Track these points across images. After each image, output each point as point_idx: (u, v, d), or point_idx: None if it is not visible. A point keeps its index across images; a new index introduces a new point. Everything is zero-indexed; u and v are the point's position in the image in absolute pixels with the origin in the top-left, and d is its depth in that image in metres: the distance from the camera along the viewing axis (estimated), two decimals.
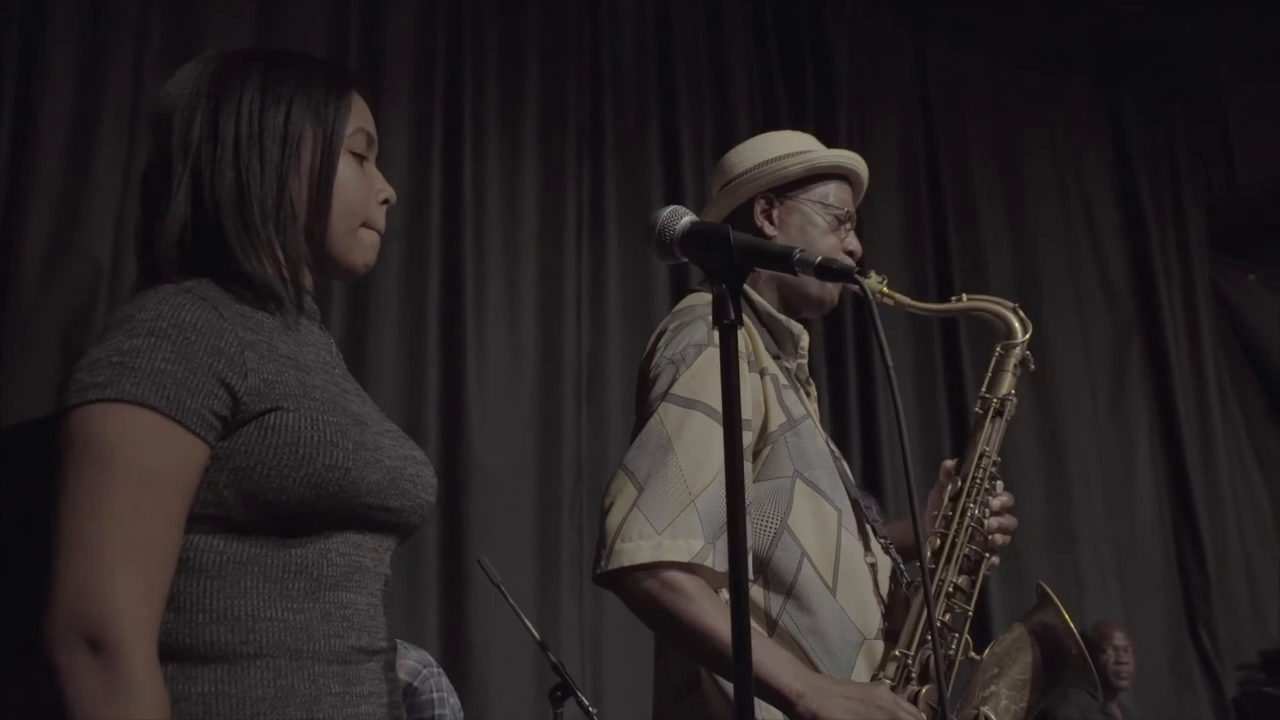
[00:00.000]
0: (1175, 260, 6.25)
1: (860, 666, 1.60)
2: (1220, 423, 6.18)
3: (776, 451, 1.63)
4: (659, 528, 1.50)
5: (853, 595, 1.62)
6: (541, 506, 3.97)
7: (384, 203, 1.35)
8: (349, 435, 1.19)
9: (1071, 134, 6.04)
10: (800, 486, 1.63)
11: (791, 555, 1.59)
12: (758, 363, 1.66)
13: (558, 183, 4.24)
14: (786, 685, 1.45)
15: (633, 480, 1.55)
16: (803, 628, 1.58)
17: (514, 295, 4.08)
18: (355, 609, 1.21)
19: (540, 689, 3.16)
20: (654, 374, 1.65)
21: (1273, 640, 5.83)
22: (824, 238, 1.81)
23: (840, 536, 1.64)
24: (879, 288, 1.82)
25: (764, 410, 1.64)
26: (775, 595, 1.59)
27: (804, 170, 1.82)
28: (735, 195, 1.83)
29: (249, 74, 1.27)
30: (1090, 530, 5.41)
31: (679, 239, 1.20)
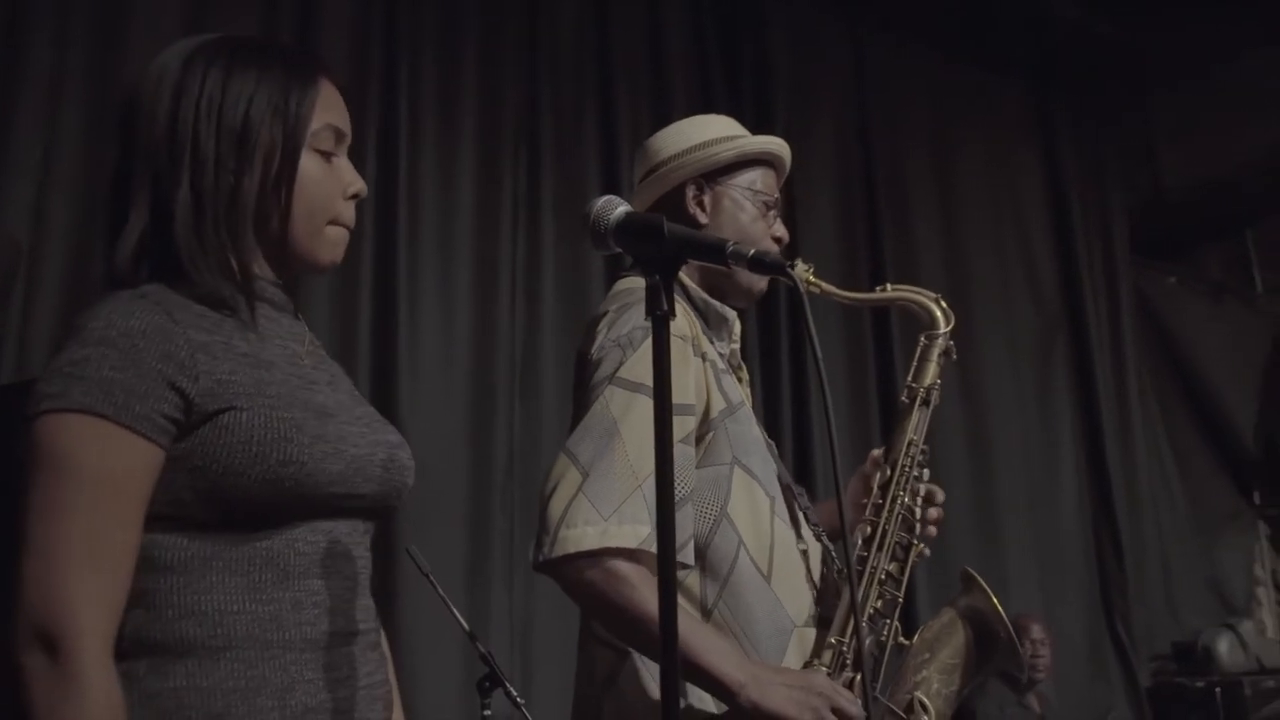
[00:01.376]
0: (1100, 261, 6.40)
1: (792, 653, 1.61)
2: (1140, 420, 6.34)
3: (717, 438, 1.63)
4: (605, 513, 1.48)
5: (786, 583, 1.63)
6: (473, 496, 3.94)
7: (353, 197, 1.34)
8: (305, 430, 1.20)
9: (1003, 133, 6.15)
10: (738, 474, 1.63)
11: (729, 543, 1.60)
12: (699, 347, 1.65)
13: (494, 171, 4.21)
14: (728, 675, 1.45)
15: (577, 465, 1.53)
16: (737, 615, 1.58)
17: (448, 283, 4.04)
18: (329, 595, 1.23)
19: (468, 679, 3.14)
20: (597, 356, 1.62)
21: (1186, 632, 6.01)
22: (754, 224, 1.81)
23: (774, 524, 1.65)
24: (806, 276, 1.83)
25: (706, 396, 1.63)
26: (711, 583, 1.59)
27: (735, 156, 1.82)
28: (664, 181, 1.82)
29: (211, 68, 1.26)
30: (1013, 524, 5.52)
31: (613, 229, 1.20)
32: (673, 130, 1.88)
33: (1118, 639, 5.80)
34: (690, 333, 1.64)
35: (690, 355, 1.62)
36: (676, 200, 1.81)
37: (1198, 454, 6.94)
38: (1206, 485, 6.93)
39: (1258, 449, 7.07)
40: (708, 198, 1.81)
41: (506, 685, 2.82)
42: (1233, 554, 6.94)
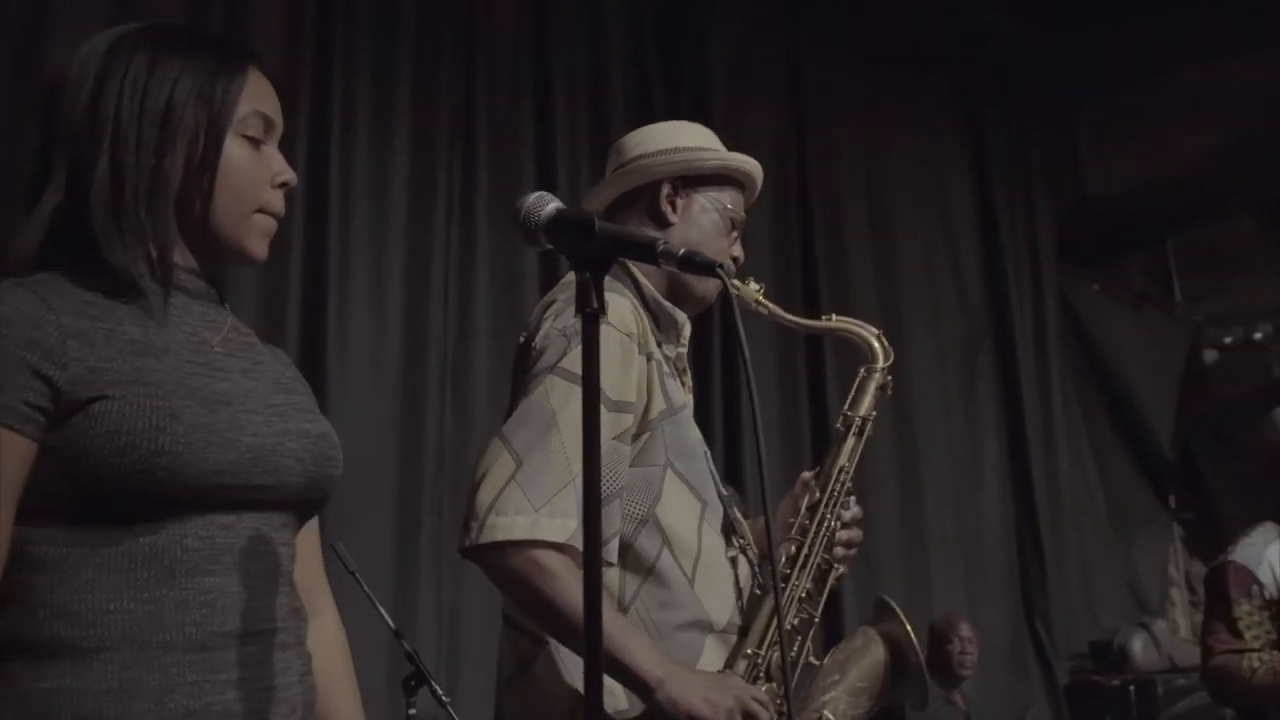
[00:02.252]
0: (1027, 267, 6.54)
1: (708, 657, 1.62)
2: (1063, 425, 6.49)
3: (654, 439, 1.63)
4: (536, 504, 1.48)
5: (709, 588, 1.64)
6: (402, 494, 3.90)
7: (281, 186, 1.31)
8: (183, 419, 1.15)
9: (934, 141, 6.25)
10: (670, 476, 1.64)
11: (653, 543, 1.60)
12: (645, 346, 1.65)
13: (428, 167, 4.17)
14: (648, 671, 1.46)
15: (511, 452, 1.52)
16: (654, 613, 1.59)
17: (379, 279, 4.00)
18: (221, 593, 1.18)
19: (394, 678, 3.11)
20: (541, 345, 1.61)
21: (1103, 631, 6.16)
22: (718, 238, 1.81)
23: (702, 530, 1.65)
24: (755, 296, 1.85)
25: (647, 396, 1.63)
26: (632, 579, 1.59)
27: (717, 167, 1.83)
28: (643, 174, 1.81)
29: (137, 52, 1.23)
30: (939, 526, 5.62)
31: (544, 225, 1.20)
32: (656, 128, 1.88)
33: (1038, 638, 5.93)
34: (637, 330, 1.63)
35: (635, 353, 1.61)
36: (650, 195, 1.81)
37: (1117, 458, 7.12)
38: (1125, 489, 7.11)
39: (1174, 454, 7.27)
40: (680, 200, 1.80)
41: (432, 684, 2.80)
42: (1148, 556, 7.13)
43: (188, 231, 1.26)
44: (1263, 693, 2.75)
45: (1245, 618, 2.82)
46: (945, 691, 4.60)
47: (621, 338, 1.59)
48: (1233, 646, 2.81)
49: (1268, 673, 2.73)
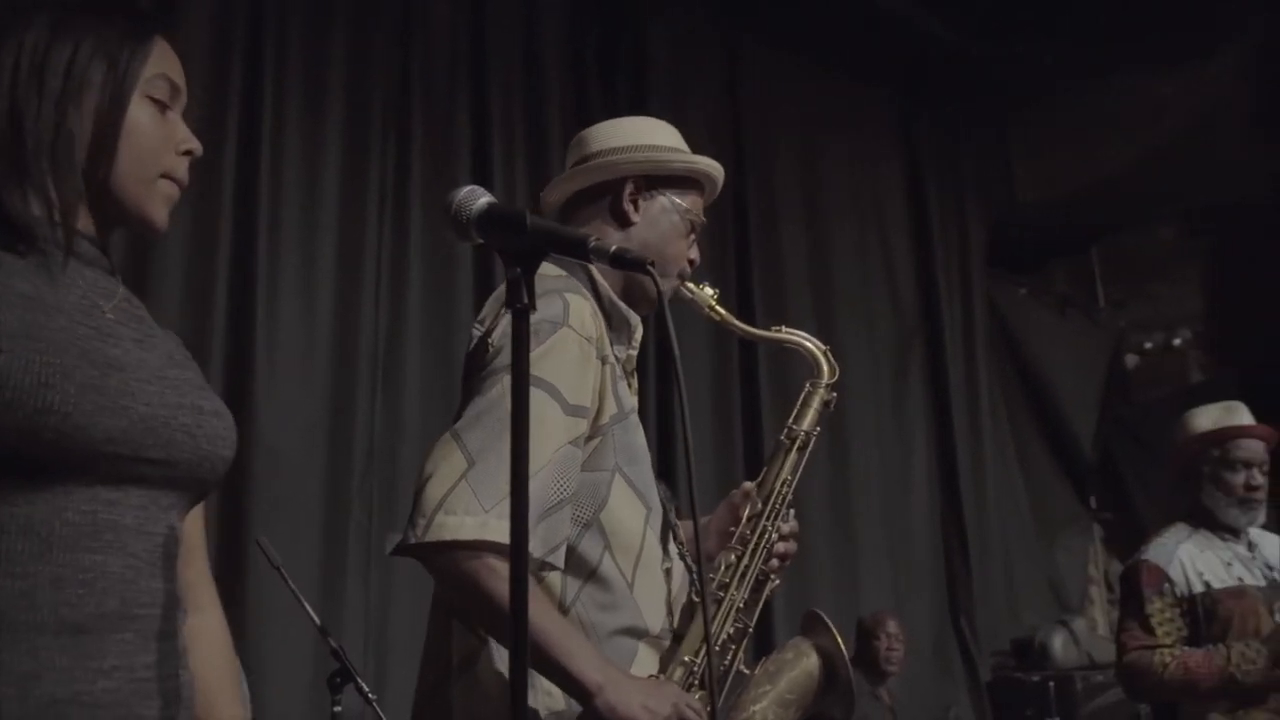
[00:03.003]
0: (957, 271, 6.65)
1: (642, 662, 1.61)
2: (989, 426, 6.61)
3: (604, 444, 1.62)
4: (486, 505, 1.44)
5: (647, 593, 1.64)
6: (330, 489, 3.86)
7: (186, 153, 1.27)
8: (73, 378, 1.09)
9: (869, 144, 6.32)
10: (618, 481, 1.63)
11: (595, 546, 1.59)
12: (601, 349, 1.63)
13: (361, 159, 4.12)
14: (587, 677, 1.45)
15: (463, 451, 1.48)
16: (593, 616, 1.58)
17: (310, 271, 3.94)
18: (100, 573, 1.11)
19: (319, 675, 3.07)
20: (499, 343, 1.57)
21: (1025, 629, 6.28)
22: (677, 241, 1.79)
23: (645, 535, 1.65)
24: (709, 301, 1.83)
25: (600, 400, 1.61)
26: (573, 581, 1.58)
27: (683, 170, 1.80)
28: (606, 170, 1.78)
29: (41, 12, 1.20)
30: (868, 525, 5.69)
31: (475, 219, 1.19)
32: (623, 124, 1.85)
33: (962, 636, 6.04)
34: (596, 333, 1.61)
35: (593, 358, 1.59)
36: (614, 192, 1.77)
37: (1040, 460, 7.27)
38: (1048, 490, 7.26)
39: (1094, 456, 7.44)
40: (642, 199, 1.78)
41: (358, 680, 2.78)
42: (1069, 555, 7.30)
43: (89, 194, 1.21)
44: (1173, 688, 2.83)
45: (1157, 615, 2.90)
46: (872, 688, 4.66)
47: (581, 341, 1.57)
48: (1145, 643, 2.88)
49: (1178, 668, 2.80)
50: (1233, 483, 2.94)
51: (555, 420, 1.51)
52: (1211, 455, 2.98)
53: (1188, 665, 2.80)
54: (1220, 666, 2.76)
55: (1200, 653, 2.81)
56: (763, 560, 1.74)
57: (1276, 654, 2.73)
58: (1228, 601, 2.86)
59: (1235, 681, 2.75)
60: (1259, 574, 2.90)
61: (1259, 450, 2.96)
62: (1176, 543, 2.97)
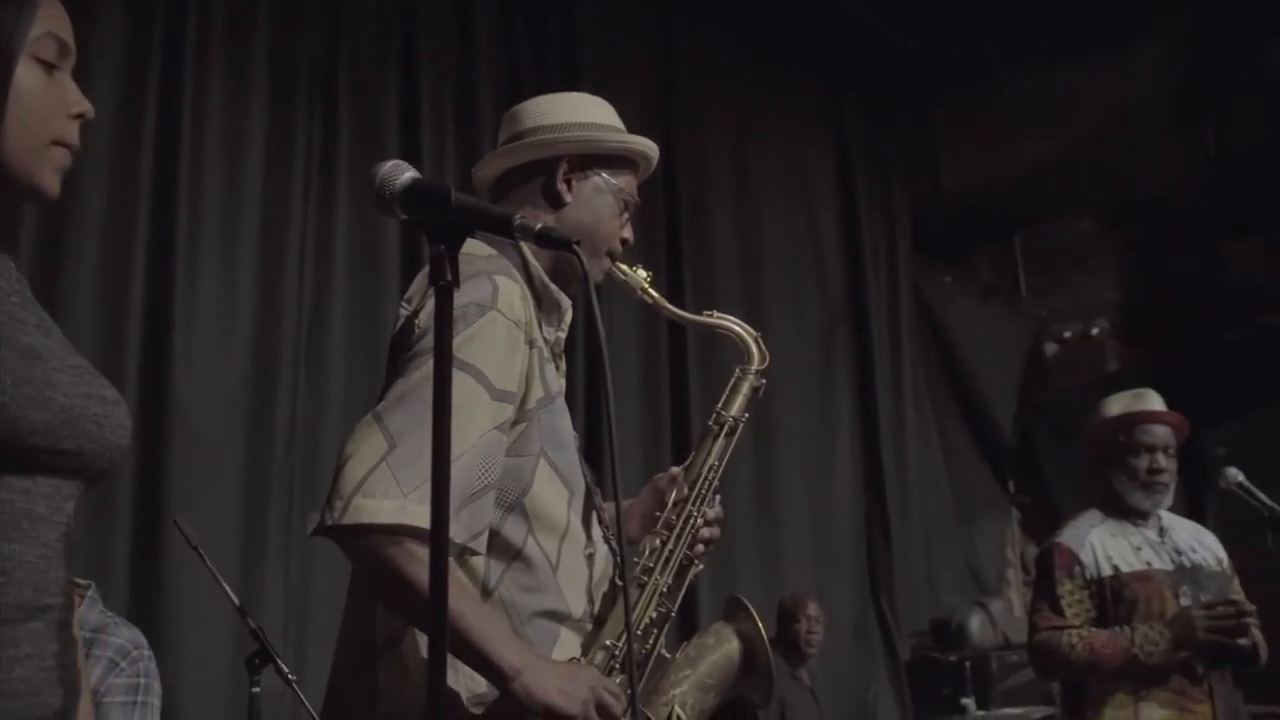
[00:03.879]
0: (884, 257, 6.73)
1: (565, 642, 1.62)
2: (912, 411, 6.72)
3: (530, 428, 1.60)
4: (406, 489, 1.43)
5: (569, 577, 1.64)
6: (250, 467, 3.79)
7: (77, 117, 1.22)
8: (8, 369, 1.07)
9: (799, 130, 6.36)
10: (543, 465, 1.62)
11: (518, 531, 1.58)
12: (529, 333, 1.61)
13: (286, 131, 4.04)
14: (505, 661, 1.44)
15: (385, 433, 1.46)
16: (516, 599, 1.58)
17: (231, 245, 3.86)
18: (18, 561, 1.10)
19: (238, 656, 3.03)
20: (426, 324, 1.54)
21: (943, 610, 6.42)
22: (611, 220, 1.77)
23: (569, 518, 1.65)
24: (642, 283, 1.82)
25: (526, 384, 1.60)
26: (496, 565, 1.58)
27: (618, 149, 1.79)
28: (540, 149, 1.75)
29: None
30: (792, 507, 5.75)
31: (399, 194, 1.18)
32: (556, 100, 1.82)
33: (882, 617, 6.15)
34: (525, 317, 1.60)
35: (521, 342, 1.58)
36: (548, 171, 1.75)
37: (961, 445, 7.42)
38: (968, 474, 7.41)
39: (1014, 441, 7.61)
40: (576, 179, 1.75)
41: (278, 661, 2.74)
42: (988, 538, 7.46)
43: None
44: (1079, 667, 2.91)
45: (1067, 596, 2.98)
46: (791, 669, 4.72)
47: (509, 325, 1.55)
48: (1054, 623, 2.96)
49: (1085, 648, 2.88)
50: (1137, 467, 3.02)
51: (481, 405, 1.50)
52: (1118, 440, 3.07)
53: (1094, 646, 2.88)
54: (1124, 648, 2.85)
55: (1106, 634, 2.89)
56: (687, 546, 1.74)
57: (1178, 636, 2.82)
58: (1134, 585, 2.94)
59: (1138, 662, 2.84)
60: (1167, 559, 2.99)
61: (1164, 435, 3.05)
62: (1089, 527, 3.06)
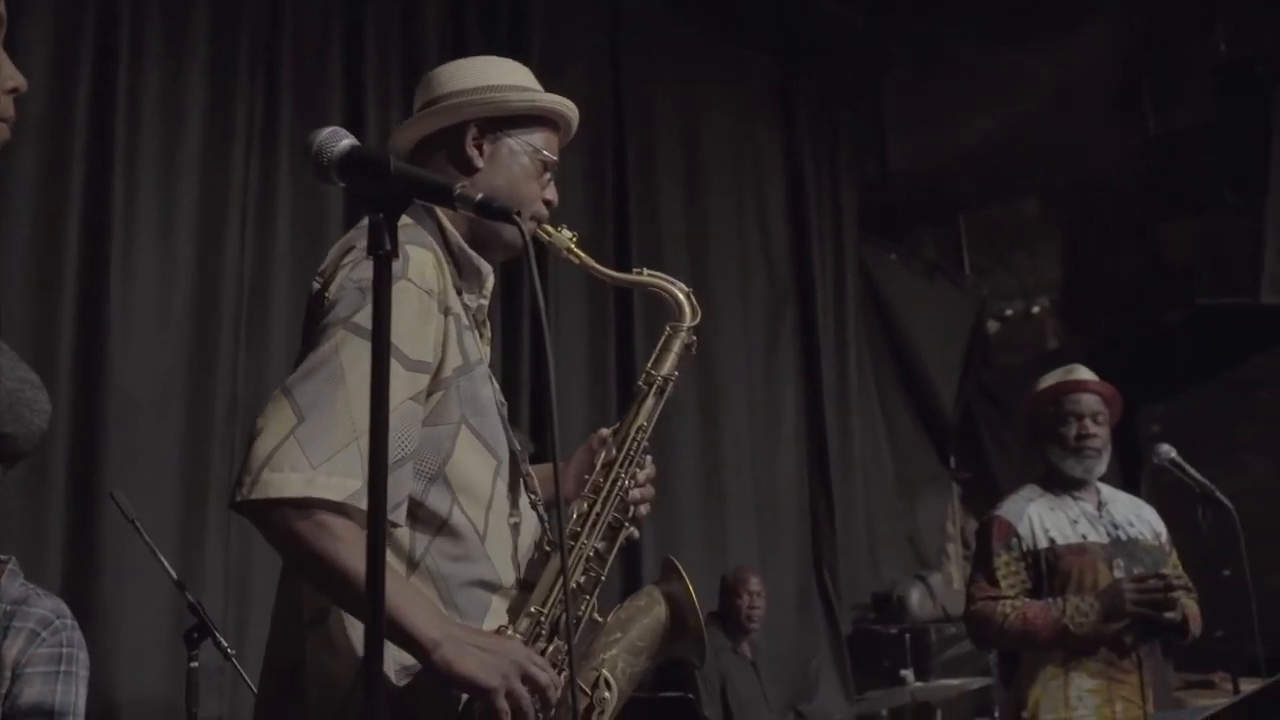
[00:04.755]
0: (830, 234, 6.77)
1: (496, 611, 1.61)
2: (857, 386, 6.79)
3: (448, 397, 1.59)
4: (315, 462, 1.43)
5: (498, 545, 1.63)
6: (189, 440, 3.74)
7: (12, 91, 1.19)
8: None
9: (748, 105, 6.37)
10: (464, 433, 1.60)
11: (443, 500, 1.57)
12: (444, 301, 1.60)
13: (227, 96, 3.96)
14: (423, 634, 1.43)
15: (293, 406, 1.46)
16: (444, 570, 1.57)
17: (170, 212, 3.79)
18: None
19: (176, 630, 2.99)
20: (335, 296, 1.54)
21: (884, 583, 6.51)
22: (528, 183, 1.75)
23: (495, 486, 1.64)
24: (567, 244, 1.80)
25: (442, 353, 1.59)
26: (422, 537, 1.57)
27: (525, 108, 1.76)
28: (448, 114, 1.73)
29: None
30: (736, 481, 5.79)
31: (336, 162, 1.16)
32: (465, 64, 1.80)
33: (825, 590, 6.22)
34: (439, 286, 1.58)
35: (434, 311, 1.56)
36: (455, 137, 1.73)
37: (904, 420, 7.51)
38: (910, 450, 7.51)
39: (955, 418, 7.72)
40: (487, 143, 1.74)
41: (216, 635, 2.72)
42: (929, 513, 7.58)
43: None
44: (1013, 637, 2.98)
45: (1003, 568, 3.04)
46: (733, 644, 4.75)
47: (421, 295, 1.54)
48: (990, 594, 3.02)
49: (1017, 618, 2.95)
50: (1067, 434, 3.08)
51: (396, 376, 1.48)
52: (1049, 412, 3.13)
53: (1026, 616, 2.94)
54: (1055, 618, 2.91)
55: (1039, 604, 2.95)
56: (615, 508, 1.72)
57: (1108, 608, 2.89)
58: (1069, 557, 3.00)
59: (1069, 633, 2.90)
60: (1104, 532, 3.06)
61: (1092, 402, 3.12)
62: (1028, 500, 3.12)
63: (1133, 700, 2.92)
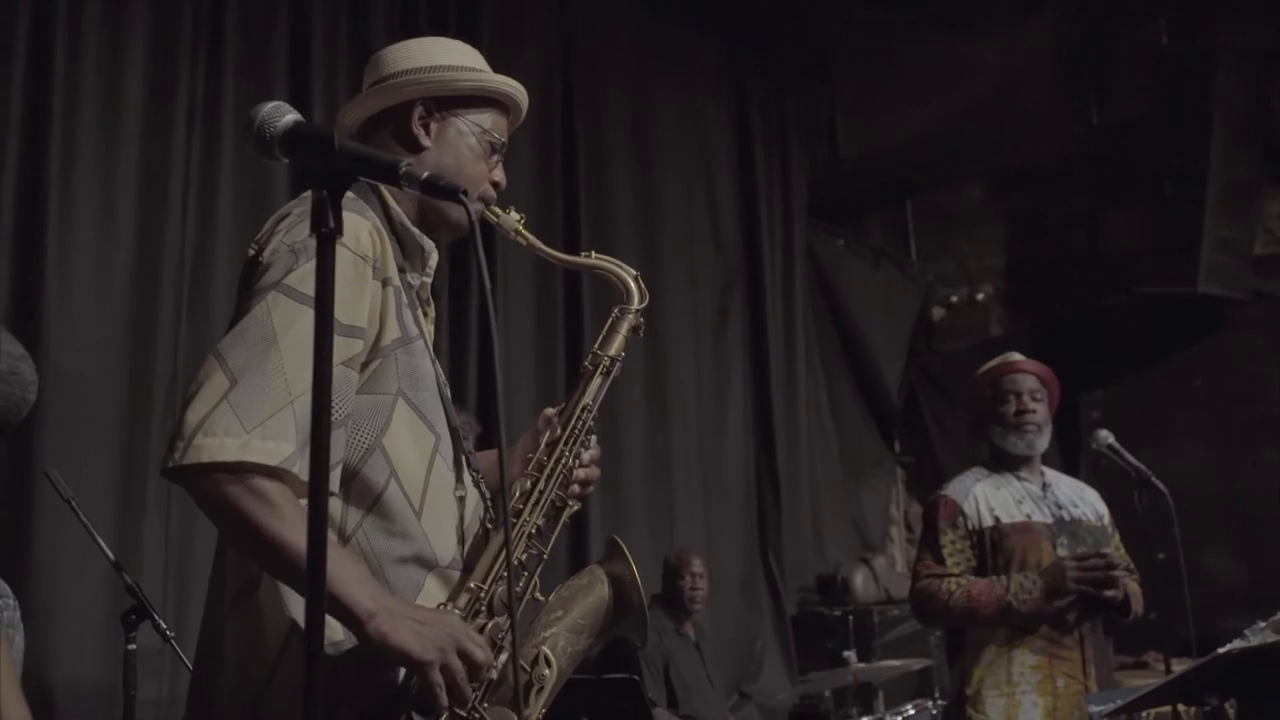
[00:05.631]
0: (779, 219, 6.80)
1: (430, 591, 1.59)
2: (804, 371, 6.84)
3: (385, 367, 1.58)
4: (248, 426, 1.41)
5: (436, 521, 1.61)
6: (129, 417, 3.67)
7: None
8: None
9: (699, 89, 6.36)
10: (401, 406, 1.59)
11: (380, 473, 1.56)
12: (382, 270, 1.59)
13: (169, 66, 3.86)
14: (359, 604, 1.42)
15: (225, 370, 1.44)
16: (376, 545, 1.55)
17: (109, 184, 3.70)
18: None
19: (113, 613, 2.94)
20: (268, 260, 1.53)
21: (829, 565, 6.58)
22: (475, 163, 1.75)
23: (434, 462, 1.62)
24: (515, 225, 1.80)
25: (380, 323, 1.58)
26: (355, 510, 1.55)
27: (472, 89, 1.76)
28: (394, 93, 1.73)
29: None
30: (684, 462, 5.82)
31: (280, 138, 1.14)
32: (414, 44, 1.80)
33: (770, 571, 6.28)
34: (375, 254, 1.57)
35: (369, 277, 1.55)
36: (401, 116, 1.73)
37: (850, 404, 7.58)
38: (856, 433, 7.59)
39: (900, 403, 7.81)
40: (434, 123, 1.74)
41: (155, 617, 2.68)
42: (873, 496, 7.67)
43: None
44: (957, 614, 3.03)
45: (949, 546, 3.09)
46: (677, 625, 4.76)
47: (355, 259, 1.53)
48: (936, 572, 3.07)
49: (962, 595, 3.00)
50: (1006, 412, 3.16)
51: None
52: (987, 395, 3.22)
53: (971, 593, 2.99)
54: (999, 595, 2.97)
55: (984, 582, 3.01)
56: (558, 487, 1.72)
57: (1050, 586, 2.95)
58: (1014, 536, 3.06)
59: (1012, 610, 2.96)
60: (1048, 512, 3.12)
61: (1029, 381, 3.19)
62: (975, 480, 3.18)
63: (1074, 677, 2.98)
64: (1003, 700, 2.99)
